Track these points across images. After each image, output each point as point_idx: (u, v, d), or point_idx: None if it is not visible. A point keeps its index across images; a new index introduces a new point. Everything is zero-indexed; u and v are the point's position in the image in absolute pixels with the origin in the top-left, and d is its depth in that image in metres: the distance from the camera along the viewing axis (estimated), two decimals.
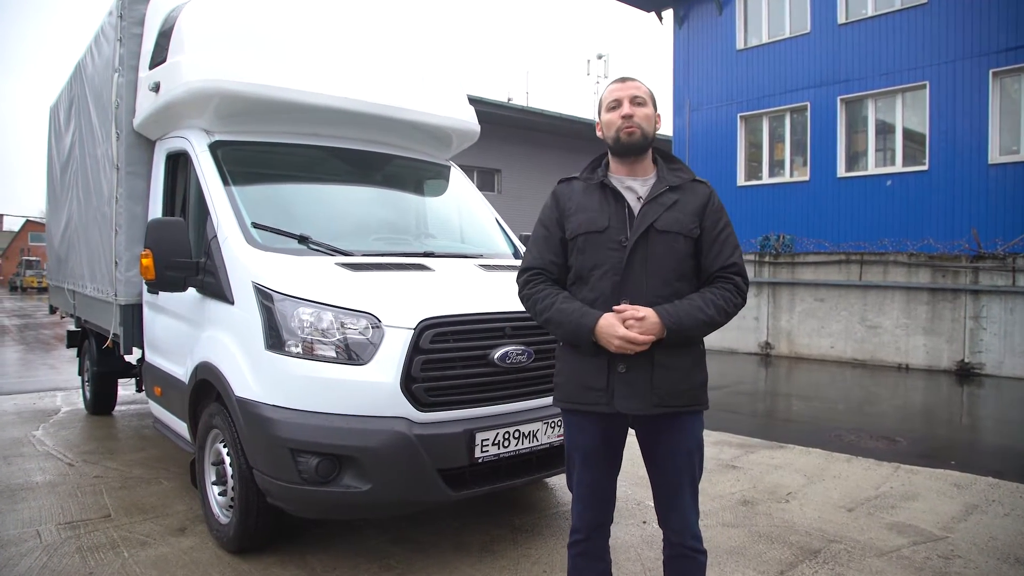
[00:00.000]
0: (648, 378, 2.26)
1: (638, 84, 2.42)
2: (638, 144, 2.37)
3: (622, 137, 2.36)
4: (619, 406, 2.28)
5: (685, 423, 2.36)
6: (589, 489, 2.45)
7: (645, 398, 2.27)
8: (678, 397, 2.29)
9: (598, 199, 2.40)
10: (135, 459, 5.31)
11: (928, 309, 11.26)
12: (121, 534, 3.84)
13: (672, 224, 2.31)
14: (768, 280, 13.26)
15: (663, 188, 2.36)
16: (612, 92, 2.41)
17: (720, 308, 2.29)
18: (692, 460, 2.39)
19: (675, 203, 2.34)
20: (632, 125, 2.34)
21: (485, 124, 5.38)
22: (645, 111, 2.37)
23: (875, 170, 14.45)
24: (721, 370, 11.52)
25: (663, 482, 2.42)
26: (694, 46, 17.65)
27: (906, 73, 13.82)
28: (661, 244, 2.30)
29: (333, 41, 4.59)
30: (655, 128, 2.42)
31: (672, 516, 2.41)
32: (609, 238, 2.32)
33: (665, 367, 2.27)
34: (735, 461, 5.47)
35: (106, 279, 5.14)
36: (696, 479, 2.43)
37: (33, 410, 7.20)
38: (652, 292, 2.28)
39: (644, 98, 2.38)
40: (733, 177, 16.72)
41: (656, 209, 2.32)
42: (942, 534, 3.95)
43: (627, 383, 2.27)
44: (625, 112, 2.35)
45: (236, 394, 3.30)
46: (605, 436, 2.39)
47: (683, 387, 2.30)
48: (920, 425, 7.50)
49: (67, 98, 6.93)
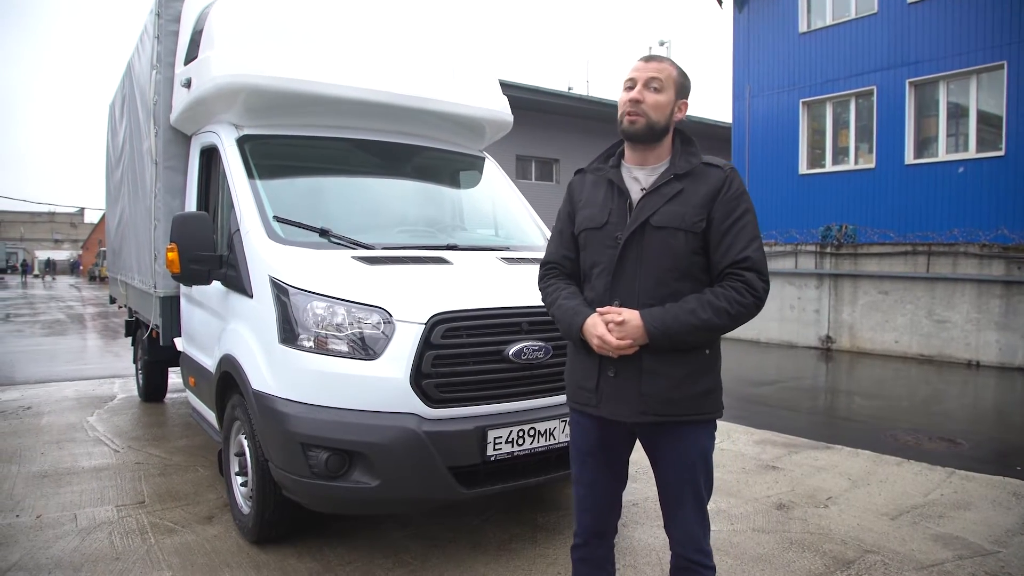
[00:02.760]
0: (636, 385, 2.13)
1: (661, 65, 2.19)
2: (640, 133, 2.17)
3: (624, 124, 2.19)
4: (604, 411, 2.18)
5: (687, 433, 2.19)
6: (586, 490, 2.35)
7: (632, 405, 2.14)
8: (669, 406, 2.13)
9: (603, 193, 2.27)
10: (177, 447, 5.47)
11: (1001, 303, 10.62)
12: (151, 520, 3.94)
13: (671, 219, 2.12)
14: (829, 272, 12.76)
15: (668, 177, 2.17)
16: (632, 70, 2.21)
17: (720, 310, 2.05)
18: (695, 473, 2.21)
19: (678, 194, 2.14)
20: (636, 112, 2.15)
21: (544, 114, 5.30)
22: (657, 98, 2.15)
23: (946, 156, 13.68)
24: (777, 364, 11.17)
25: (664, 492, 2.29)
26: (755, 30, 17.06)
27: (982, 53, 13.01)
28: (657, 241, 2.12)
29: (363, 33, 4.57)
30: (672, 117, 2.19)
31: (673, 527, 2.28)
32: (607, 234, 2.20)
33: (654, 374, 2.11)
34: (776, 462, 5.26)
35: (148, 271, 5.29)
36: (701, 492, 2.24)
37: (91, 396, 7.51)
38: (645, 293, 2.13)
39: (662, 82, 2.16)
40: (795, 165, 16.12)
41: (655, 202, 2.15)
42: (992, 548, 3.69)
43: (615, 388, 2.16)
44: (634, 96, 2.15)
45: (252, 387, 3.33)
46: (601, 438, 2.29)
47: (675, 396, 2.12)
48: (987, 427, 7.07)
49: (120, 95, 7.16)
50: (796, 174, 16.08)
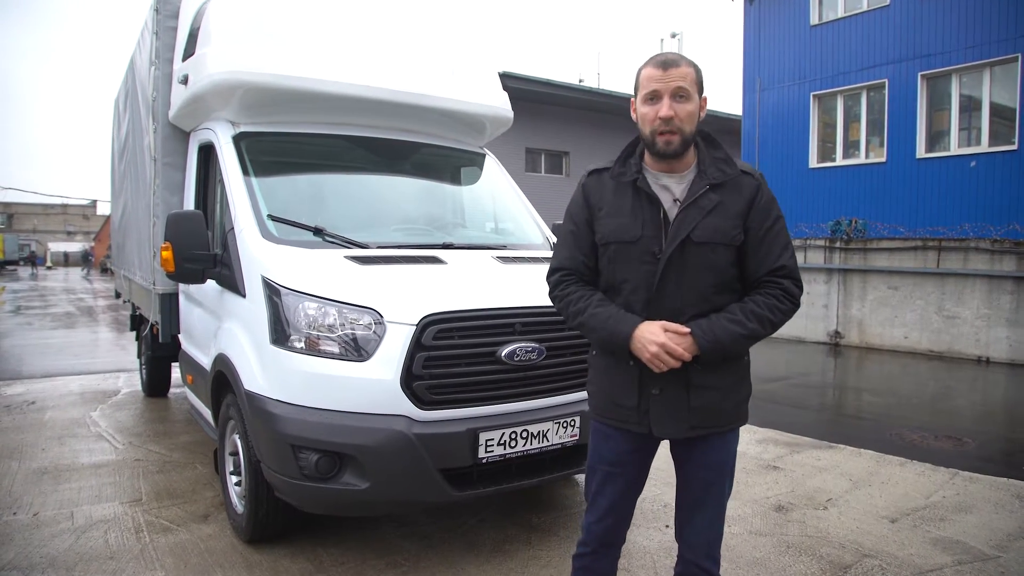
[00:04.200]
0: (684, 400, 2.09)
1: (683, 71, 2.04)
2: (677, 151, 2.07)
3: (659, 144, 2.06)
4: (655, 430, 2.13)
5: (720, 440, 2.18)
6: (607, 503, 2.28)
7: (682, 421, 2.11)
8: (717, 417, 2.12)
9: (630, 201, 2.13)
10: (177, 443, 5.48)
11: (1012, 299, 10.49)
12: (147, 519, 3.95)
13: (712, 234, 2.05)
14: (839, 266, 12.65)
15: (703, 188, 2.07)
16: (650, 79, 2.05)
17: (764, 319, 2.05)
18: (722, 476, 2.21)
19: (717, 206, 2.06)
20: (671, 131, 2.03)
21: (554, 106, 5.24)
22: (688, 108, 2.04)
23: (958, 150, 13.51)
24: (786, 360, 11.09)
25: (687, 495, 2.26)
26: (765, 22, 16.89)
27: (995, 45, 12.81)
28: (698, 256, 2.05)
29: (361, 28, 4.53)
30: (699, 119, 2.10)
31: (689, 531, 2.25)
32: (642, 250, 2.08)
33: (703, 387, 2.08)
34: (777, 461, 5.21)
35: (148, 267, 5.29)
36: (723, 497, 2.23)
37: (96, 391, 7.55)
38: (688, 309, 2.07)
39: (688, 89, 2.04)
40: (805, 159, 15.98)
41: (694, 215, 2.05)
42: (993, 553, 3.63)
43: (663, 405, 2.10)
44: (664, 113, 2.01)
45: (245, 387, 3.31)
46: (633, 451, 2.24)
47: (724, 407, 2.12)
48: (995, 425, 6.99)
49: (124, 90, 7.17)
50: (806, 168, 15.93)
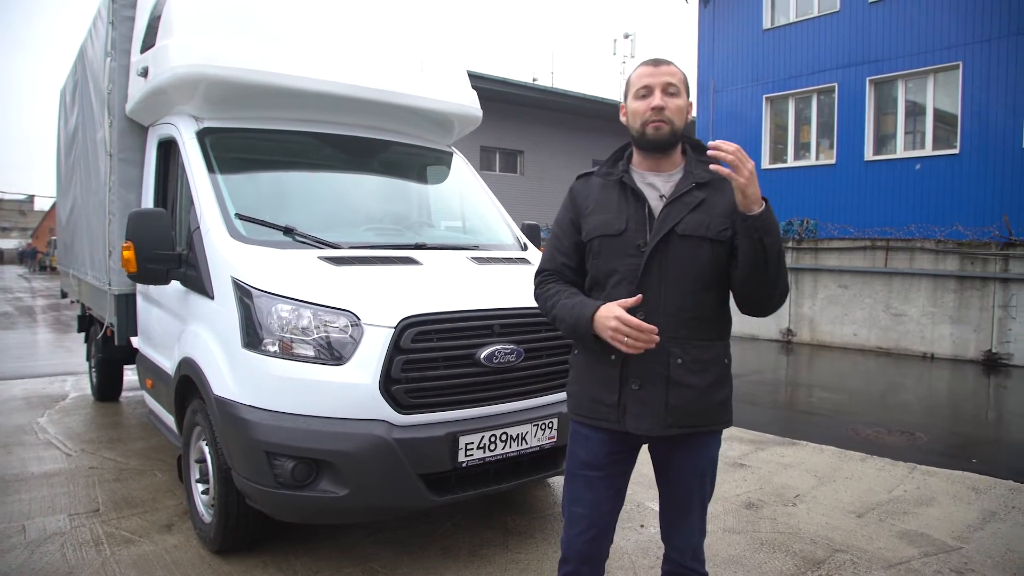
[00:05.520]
0: (663, 397, 2.07)
1: (673, 69, 2.13)
2: (665, 140, 2.11)
3: (648, 132, 2.10)
4: (630, 425, 2.10)
5: (701, 442, 2.18)
6: (586, 510, 2.23)
7: (659, 418, 2.08)
8: (695, 417, 2.10)
9: (616, 198, 2.17)
10: (133, 449, 5.28)
11: (955, 297, 10.90)
12: (107, 530, 3.78)
13: (696, 227, 2.07)
14: (791, 266, 12.92)
15: (688, 185, 2.11)
16: (643, 76, 2.13)
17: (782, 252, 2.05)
18: (704, 480, 2.22)
19: (702, 203, 2.09)
20: (661, 119, 2.08)
21: (509, 105, 5.22)
22: (678, 102, 2.10)
23: (904, 153, 13.99)
24: (741, 358, 11.28)
25: (671, 500, 2.26)
26: (720, 25, 17.21)
27: (939, 53, 13.30)
28: (683, 250, 2.07)
29: (328, 23, 4.43)
30: (687, 119, 2.15)
31: (675, 534, 2.26)
32: (626, 242, 2.10)
33: (682, 385, 2.07)
34: (744, 459, 5.29)
35: (102, 267, 5.08)
36: (706, 499, 2.26)
37: (41, 395, 7.23)
38: (671, 303, 2.07)
39: (678, 87, 2.11)
40: (757, 160, 16.31)
41: (679, 210, 2.08)
42: (956, 544, 3.75)
43: (640, 401, 2.09)
44: (656, 103, 2.08)
45: (214, 392, 3.20)
46: (612, 452, 2.20)
47: (702, 406, 2.10)
48: (942, 419, 7.24)
49: (72, 80, 6.87)
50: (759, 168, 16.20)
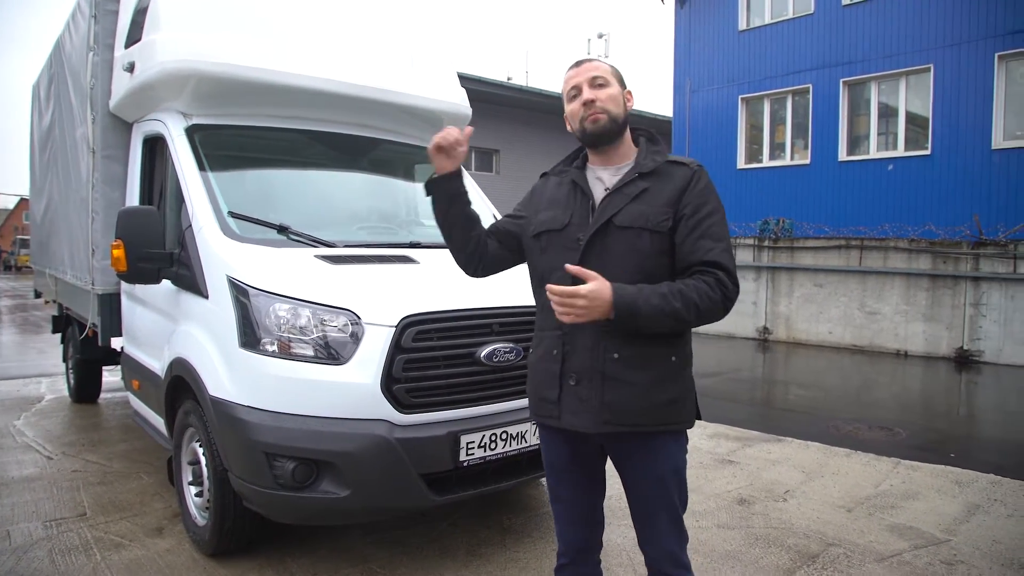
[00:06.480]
0: (599, 393, 2.01)
1: (596, 64, 2.16)
2: (606, 129, 2.09)
3: (587, 127, 2.09)
4: (566, 422, 2.07)
5: (657, 445, 2.07)
6: (565, 507, 2.25)
7: (594, 415, 2.01)
8: (637, 415, 2.01)
9: (566, 194, 2.17)
10: (116, 452, 5.17)
11: (928, 295, 11.12)
12: (95, 535, 3.70)
13: (635, 218, 2.02)
14: (767, 265, 13.11)
15: (632, 176, 2.08)
16: (569, 80, 2.15)
17: (690, 303, 1.91)
18: (666, 487, 2.09)
19: (643, 192, 2.05)
20: (595, 111, 2.07)
21: (484, 104, 5.20)
22: (609, 91, 2.10)
23: (877, 154, 14.23)
24: (719, 356, 11.42)
25: (636, 507, 2.18)
26: (696, 26, 17.32)
27: (910, 56, 13.55)
28: (621, 242, 2.02)
29: (319, 20, 4.38)
30: (626, 107, 2.14)
31: (643, 541, 2.18)
32: (568, 236, 2.09)
33: (618, 381, 1.99)
34: (732, 455, 5.35)
35: (84, 266, 4.97)
36: (675, 506, 2.11)
37: (16, 398, 7.06)
38: None
39: (605, 77, 2.11)
40: (733, 160, 16.48)
41: (618, 201, 2.05)
42: (944, 537, 3.83)
43: (576, 397, 2.05)
44: (586, 98, 2.08)
45: (210, 393, 3.15)
46: (572, 453, 2.18)
47: (644, 404, 2.00)
48: (919, 415, 7.38)
49: (47, 76, 6.71)
50: (735, 168, 16.43)
